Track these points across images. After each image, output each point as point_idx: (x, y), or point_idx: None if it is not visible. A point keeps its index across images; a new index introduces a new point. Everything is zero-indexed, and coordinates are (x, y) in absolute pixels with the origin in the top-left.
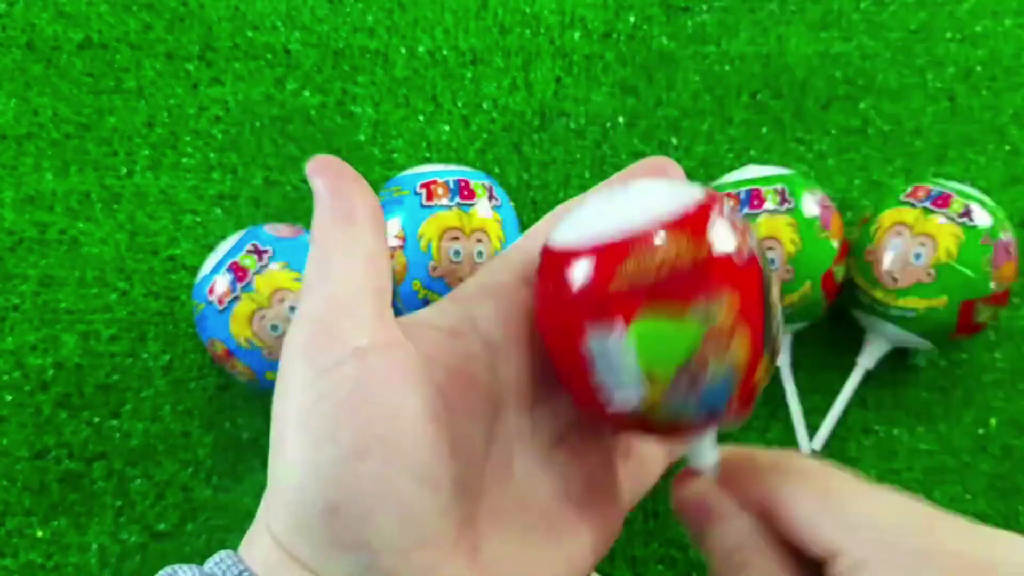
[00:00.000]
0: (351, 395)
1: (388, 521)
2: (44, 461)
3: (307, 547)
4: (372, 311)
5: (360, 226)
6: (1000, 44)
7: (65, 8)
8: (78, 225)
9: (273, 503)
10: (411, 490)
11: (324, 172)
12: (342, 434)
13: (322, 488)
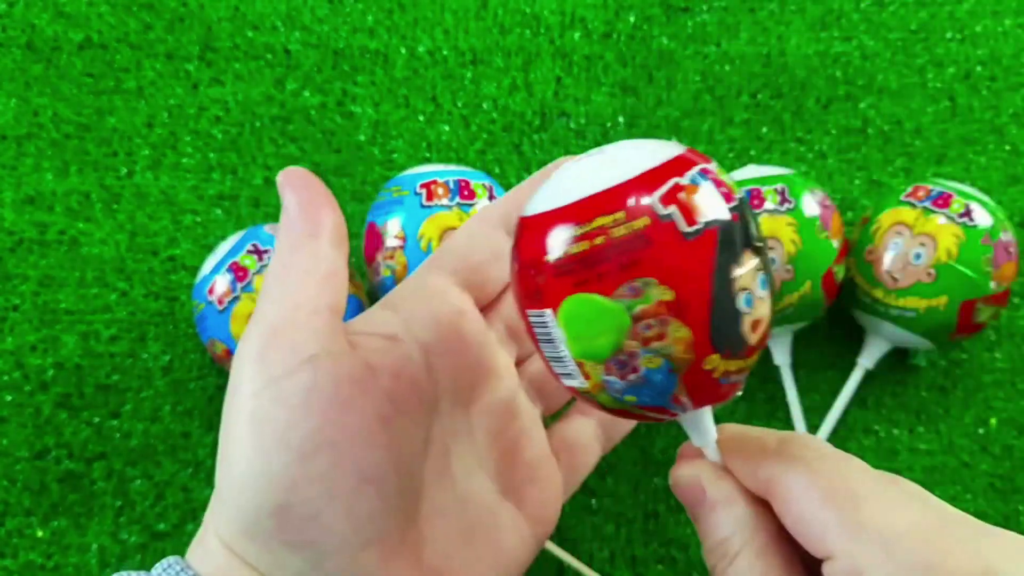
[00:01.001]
0: (303, 401)
1: (336, 520)
2: (44, 461)
3: (256, 549)
4: (325, 324)
5: (323, 242)
6: (1000, 44)
7: (65, 8)
8: (78, 225)
9: (221, 507)
10: (358, 490)
11: (295, 185)
12: (293, 438)
13: (272, 490)
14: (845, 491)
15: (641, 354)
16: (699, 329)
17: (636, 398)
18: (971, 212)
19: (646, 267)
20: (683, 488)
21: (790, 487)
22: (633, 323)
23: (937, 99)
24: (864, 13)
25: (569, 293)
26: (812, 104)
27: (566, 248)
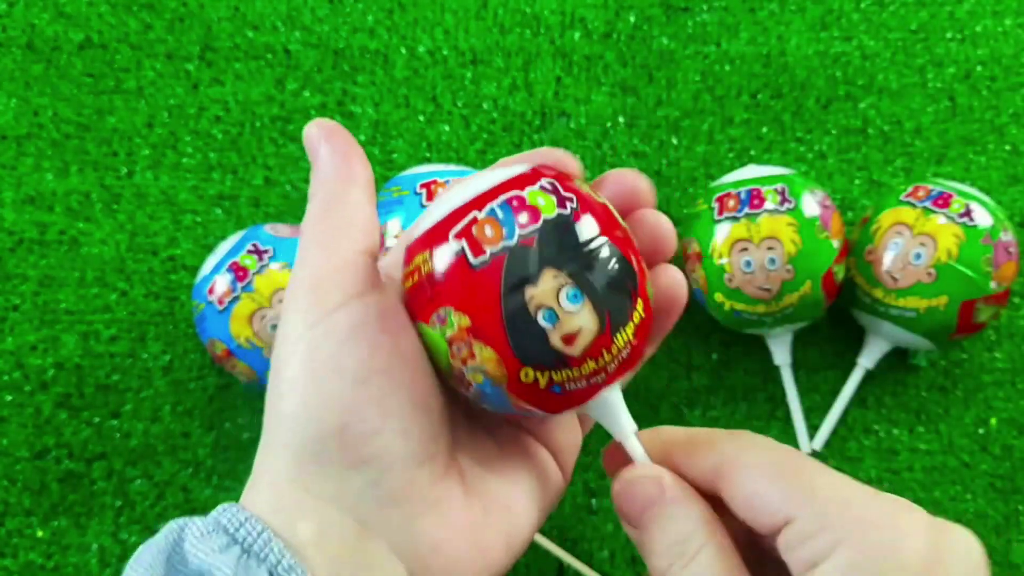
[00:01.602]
0: (351, 333)
1: (393, 440)
2: (44, 461)
3: (319, 471)
4: (366, 267)
5: (357, 190)
6: (1000, 44)
7: (65, 8)
8: (78, 225)
9: (274, 448)
10: (410, 412)
11: (329, 136)
12: (346, 365)
13: (331, 412)
14: (794, 465)
15: (467, 372)
16: (501, 348)
17: (492, 407)
18: (971, 212)
19: (444, 298)
20: (637, 488)
21: (744, 464)
22: (449, 346)
23: (937, 99)
24: (864, 13)
25: (414, 321)
26: (812, 104)
27: (403, 284)
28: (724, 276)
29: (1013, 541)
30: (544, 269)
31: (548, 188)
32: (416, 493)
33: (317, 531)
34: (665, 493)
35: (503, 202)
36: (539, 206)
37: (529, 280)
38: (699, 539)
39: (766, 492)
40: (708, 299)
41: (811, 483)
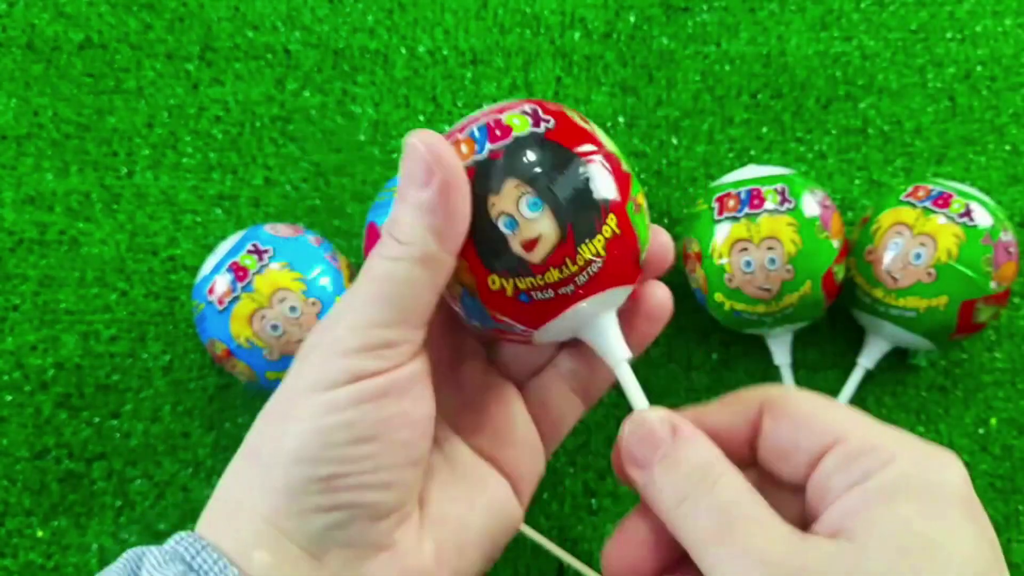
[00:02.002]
0: (376, 399)
1: (375, 492)
2: (44, 461)
3: (287, 506)
4: (410, 348)
5: (445, 271)
6: (1000, 44)
7: (65, 8)
8: (78, 225)
9: (266, 478)
10: (399, 469)
11: (441, 167)
12: (355, 423)
13: (327, 461)
14: (837, 402)
15: (450, 282)
16: (470, 256)
17: (477, 323)
18: (971, 212)
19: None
20: (647, 428)
21: (792, 396)
22: None
23: (937, 99)
24: (864, 13)
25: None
26: (812, 104)
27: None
28: (724, 276)
29: (1013, 541)
30: (507, 179)
31: (528, 112)
32: (375, 538)
33: (271, 563)
34: (679, 431)
35: (483, 124)
36: (513, 125)
37: (492, 189)
38: (720, 467)
39: (818, 414)
40: (708, 299)
41: (856, 413)
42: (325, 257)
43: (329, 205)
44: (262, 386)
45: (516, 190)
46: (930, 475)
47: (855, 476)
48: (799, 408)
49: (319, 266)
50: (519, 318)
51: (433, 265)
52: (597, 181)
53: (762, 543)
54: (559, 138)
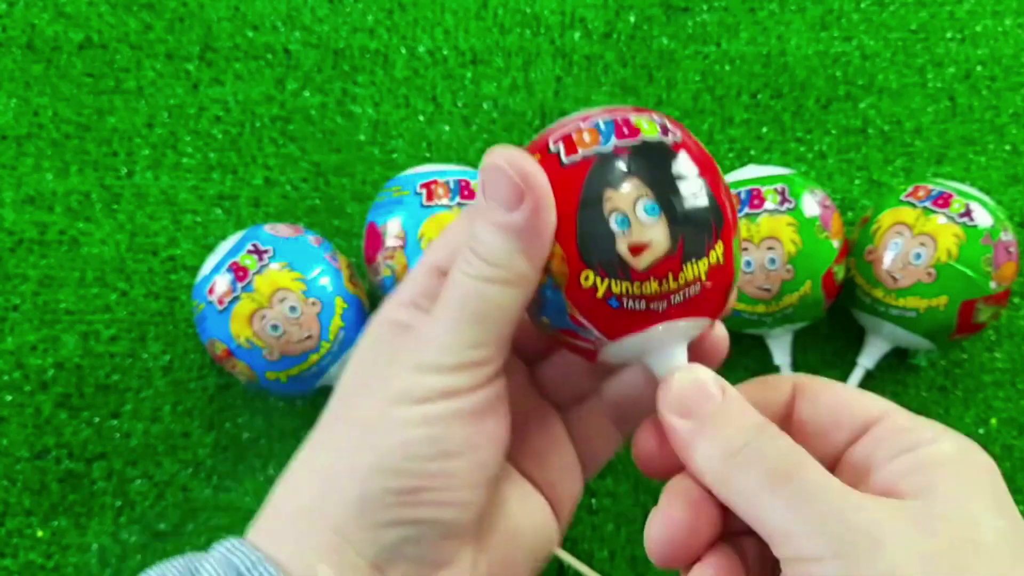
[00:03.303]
0: (461, 415)
1: (452, 510)
2: (44, 461)
3: (358, 518)
4: (495, 368)
5: (528, 288)
6: (1000, 44)
7: (65, 8)
8: (78, 225)
9: (338, 483)
10: (478, 489)
11: (532, 187)
12: (441, 438)
13: (409, 474)
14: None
15: (544, 273)
16: (568, 246)
17: (548, 320)
18: (971, 212)
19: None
20: (704, 381)
21: (825, 382)
22: None
23: (937, 99)
24: (864, 13)
25: None
26: (812, 104)
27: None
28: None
29: None
30: (629, 177)
31: (656, 120)
32: (441, 556)
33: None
34: (728, 393)
35: (609, 119)
36: (642, 128)
37: (611, 184)
38: (772, 427)
39: (857, 397)
40: None
41: (888, 403)
42: (325, 257)
43: (329, 205)
44: (262, 386)
45: (636, 191)
46: (974, 457)
47: (904, 446)
48: (837, 390)
49: (319, 266)
50: (600, 323)
51: (523, 284)
52: (715, 205)
53: (822, 493)
54: (687, 152)
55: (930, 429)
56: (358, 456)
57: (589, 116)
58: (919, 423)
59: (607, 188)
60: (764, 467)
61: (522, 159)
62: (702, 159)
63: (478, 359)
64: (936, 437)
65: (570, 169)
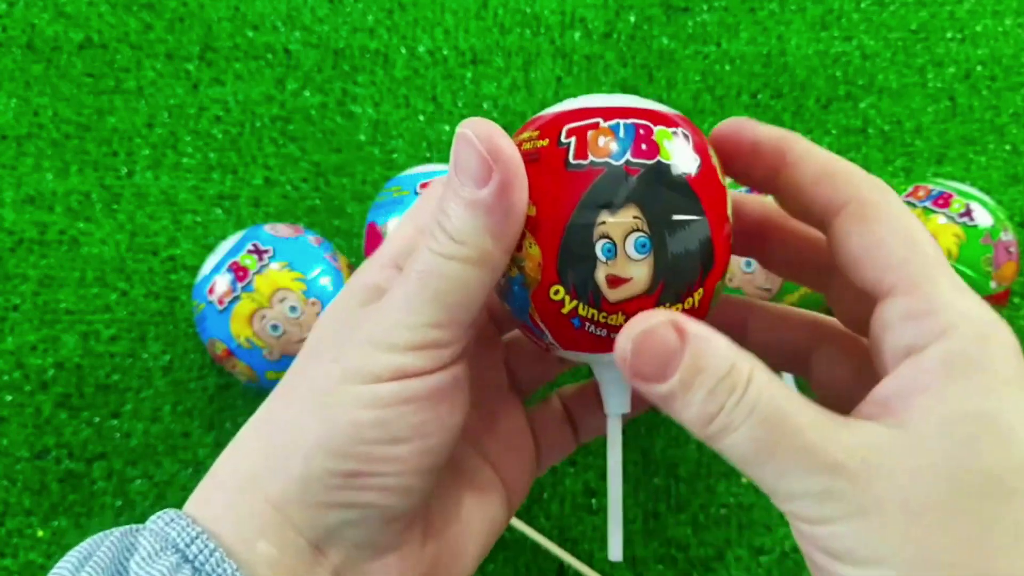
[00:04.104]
0: (415, 402)
1: (395, 495)
2: (44, 461)
3: (300, 498)
4: (456, 350)
5: (495, 271)
6: (1001, 44)
7: (65, 8)
8: (78, 225)
9: (280, 462)
10: (423, 475)
11: (499, 159)
12: (391, 422)
13: (353, 457)
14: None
15: (512, 261)
16: (548, 253)
17: (510, 309)
18: (971, 212)
19: (527, 177)
20: (652, 340)
21: (879, 202)
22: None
23: (937, 99)
24: (864, 13)
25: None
26: (812, 104)
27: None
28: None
29: None
30: (630, 204)
31: (679, 137)
32: (383, 539)
33: (275, 554)
34: (687, 333)
35: (631, 124)
36: (662, 147)
37: (609, 206)
38: (745, 365)
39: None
40: None
41: (918, 245)
42: (325, 257)
43: (329, 205)
44: (262, 386)
45: (632, 221)
46: (991, 350)
47: (911, 339)
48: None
49: (319, 266)
50: (557, 334)
51: (489, 265)
52: (708, 250)
53: (810, 444)
54: (698, 188)
55: (944, 316)
56: (304, 432)
57: (614, 110)
58: (935, 305)
59: (603, 210)
60: (744, 436)
61: (493, 133)
62: (713, 194)
63: (436, 340)
64: (948, 328)
65: (574, 174)
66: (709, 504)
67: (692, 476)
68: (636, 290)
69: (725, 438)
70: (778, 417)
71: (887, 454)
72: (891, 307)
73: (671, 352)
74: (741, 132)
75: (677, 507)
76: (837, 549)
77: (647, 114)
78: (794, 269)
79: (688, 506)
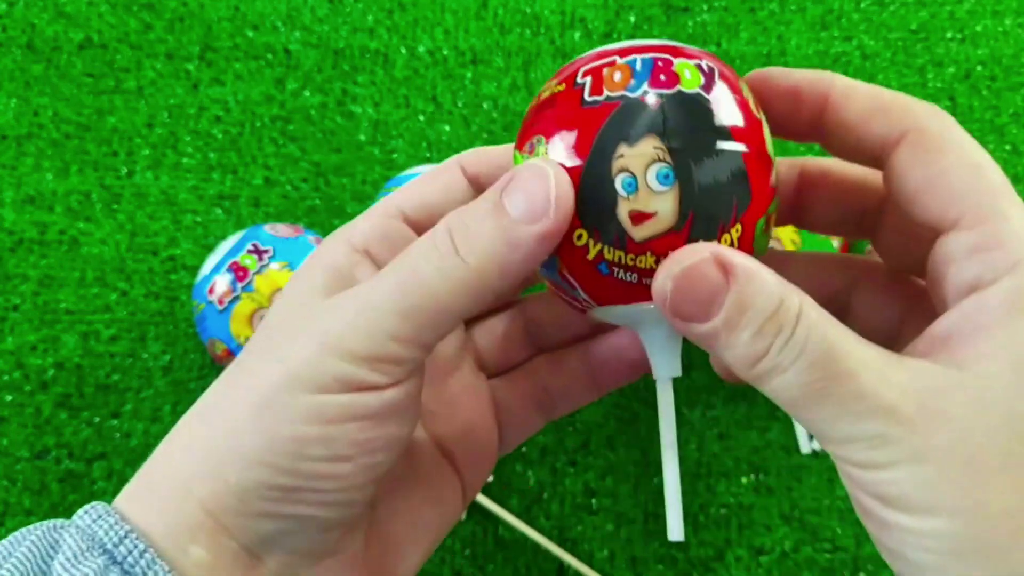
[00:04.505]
0: (365, 418)
1: (334, 509)
2: (44, 461)
3: (236, 507)
4: (411, 364)
5: (503, 292)
6: (1001, 44)
7: (65, 8)
8: (78, 225)
9: (216, 466)
10: (365, 487)
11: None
12: (336, 439)
13: (294, 473)
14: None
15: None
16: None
17: (541, 266)
18: None
19: (542, 126)
20: (695, 277)
21: (937, 131)
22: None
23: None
24: (864, 13)
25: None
26: None
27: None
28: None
29: None
30: (649, 134)
31: (704, 69)
32: (321, 546)
33: (208, 559)
34: (731, 270)
35: (650, 58)
36: (682, 77)
37: (628, 138)
38: (794, 301)
39: (955, 182)
40: None
41: (982, 178)
42: None
43: (329, 205)
44: None
45: (653, 151)
46: None
47: (976, 274)
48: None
49: None
50: (588, 287)
51: (483, 297)
52: (743, 181)
53: (863, 387)
54: (725, 116)
55: (1012, 249)
56: (243, 439)
57: (631, 50)
58: (1001, 238)
59: (621, 143)
60: (794, 378)
61: (565, 182)
62: (744, 123)
63: (395, 355)
64: (1017, 263)
65: (590, 110)
66: (709, 504)
67: (692, 476)
68: (662, 226)
69: (772, 380)
70: (829, 358)
71: (945, 397)
72: (955, 240)
73: (714, 289)
74: (772, 79)
75: None
76: (889, 495)
77: (670, 49)
78: (836, 220)
79: (688, 506)
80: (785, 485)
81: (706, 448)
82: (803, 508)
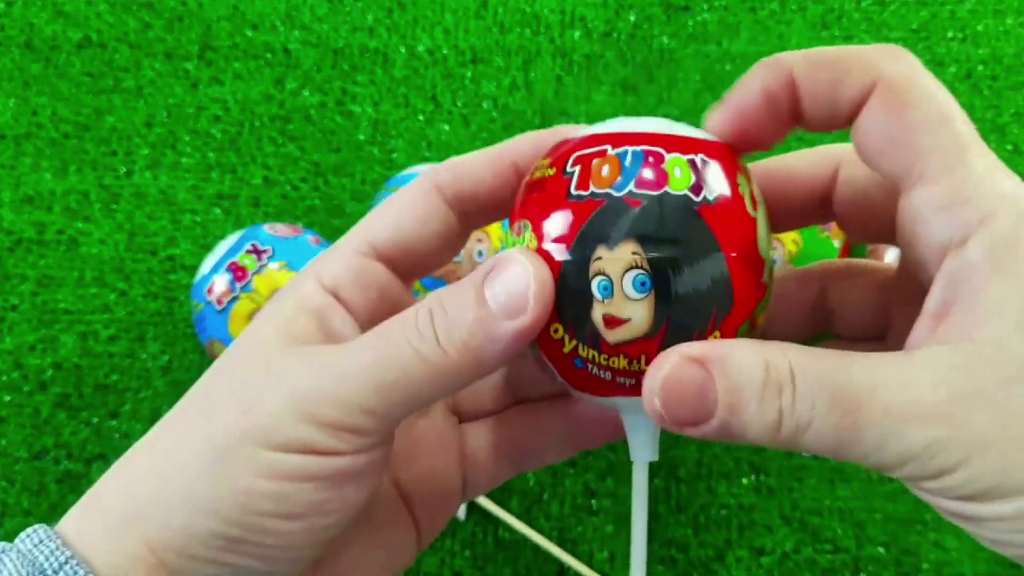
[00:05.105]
0: (320, 481)
1: (280, 563)
2: (43, 462)
3: (181, 549)
4: (377, 424)
5: (475, 382)
6: (1002, 43)
7: (64, 8)
8: (77, 225)
9: (163, 504)
10: (316, 543)
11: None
12: (290, 497)
13: (246, 527)
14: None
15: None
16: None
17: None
18: None
19: (529, 210)
20: (682, 386)
21: (908, 87)
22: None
23: None
24: (864, 13)
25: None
26: None
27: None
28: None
29: None
30: (628, 239)
31: (696, 164)
32: None
33: None
34: (705, 359)
35: (641, 151)
36: (671, 175)
37: (607, 240)
38: (778, 357)
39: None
40: None
41: (946, 133)
42: None
43: (328, 205)
44: None
45: (631, 257)
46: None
47: (948, 232)
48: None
49: None
50: (564, 375)
51: (456, 384)
52: (724, 287)
53: (888, 405)
54: (712, 221)
55: (982, 203)
56: (195, 484)
57: (624, 137)
58: (968, 194)
59: (600, 245)
60: (821, 428)
61: (548, 280)
62: (734, 226)
63: (362, 427)
64: (989, 214)
65: (575, 205)
66: (709, 505)
67: (692, 477)
68: (635, 333)
69: (803, 438)
70: (843, 392)
71: (968, 378)
72: (921, 196)
73: (702, 388)
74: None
75: (677, 508)
76: (968, 493)
77: (665, 140)
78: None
79: (688, 507)
80: (786, 486)
81: (707, 449)
82: (804, 509)
